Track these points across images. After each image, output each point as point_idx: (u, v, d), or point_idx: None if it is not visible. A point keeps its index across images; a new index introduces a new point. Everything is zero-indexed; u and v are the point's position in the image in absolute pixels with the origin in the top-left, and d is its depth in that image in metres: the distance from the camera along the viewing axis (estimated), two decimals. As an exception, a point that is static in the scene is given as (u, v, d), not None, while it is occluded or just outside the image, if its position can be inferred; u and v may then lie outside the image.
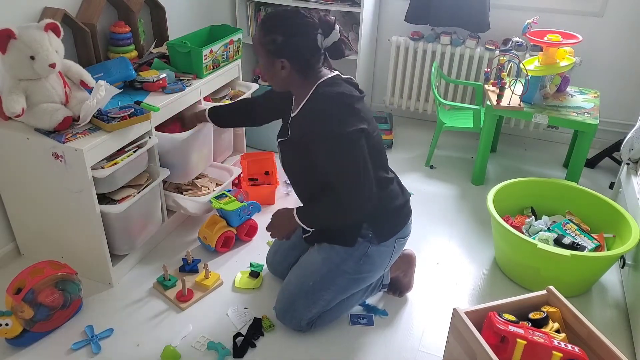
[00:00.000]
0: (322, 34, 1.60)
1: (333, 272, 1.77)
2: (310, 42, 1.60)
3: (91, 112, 1.85)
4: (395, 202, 1.77)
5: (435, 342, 1.85)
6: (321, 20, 1.61)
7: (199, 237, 2.29)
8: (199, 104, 2.37)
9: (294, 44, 1.59)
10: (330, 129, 1.56)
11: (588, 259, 1.96)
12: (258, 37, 1.63)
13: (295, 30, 1.58)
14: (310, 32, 1.59)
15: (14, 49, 1.72)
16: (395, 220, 1.79)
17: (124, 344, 1.81)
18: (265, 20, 1.63)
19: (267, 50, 1.61)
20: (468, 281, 2.18)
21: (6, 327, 1.71)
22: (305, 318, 1.81)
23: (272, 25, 1.60)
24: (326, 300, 1.80)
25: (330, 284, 1.78)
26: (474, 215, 2.61)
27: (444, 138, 3.26)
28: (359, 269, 1.77)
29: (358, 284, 1.83)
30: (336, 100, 1.60)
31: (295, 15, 1.60)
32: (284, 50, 1.59)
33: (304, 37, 1.59)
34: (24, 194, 1.98)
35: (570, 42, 2.56)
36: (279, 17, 1.62)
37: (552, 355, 1.42)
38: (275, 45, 1.59)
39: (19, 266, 1.94)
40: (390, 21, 3.40)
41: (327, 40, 1.62)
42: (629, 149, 2.34)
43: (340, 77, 1.70)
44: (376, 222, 1.74)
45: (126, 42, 2.34)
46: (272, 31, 1.59)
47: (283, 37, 1.57)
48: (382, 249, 1.77)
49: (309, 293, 1.79)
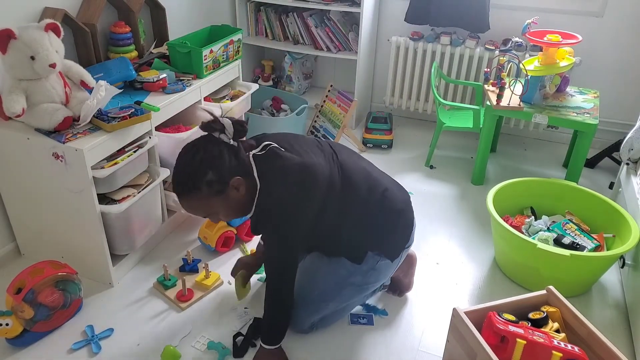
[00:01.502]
0: (220, 133, 1.52)
1: (340, 284, 1.76)
2: (224, 149, 1.51)
3: (91, 112, 1.85)
4: (395, 217, 1.75)
5: (435, 342, 1.85)
6: (208, 126, 1.52)
7: (199, 237, 2.29)
8: (198, 104, 2.37)
9: (221, 165, 1.50)
10: (282, 226, 1.56)
11: (588, 259, 1.96)
12: (196, 196, 1.51)
13: (209, 155, 1.50)
14: (215, 144, 1.51)
15: (14, 49, 1.72)
16: (400, 235, 1.79)
17: (124, 344, 1.81)
18: (183, 181, 1.51)
19: (215, 191, 1.51)
20: (468, 281, 2.18)
21: (6, 327, 1.71)
22: (308, 323, 1.81)
23: (192, 175, 1.50)
24: (330, 308, 1.80)
25: (335, 295, 1.77)
26: (474, 215, 2.61)
27: (443, 138, 3.26)
28: (366, 280, 1.77)
29: (363, 292, 1.83)
30: (284, 195, 1.53)
31: (195, 151, 1.51)
32: (223, 176, 1.50)
33: (219, 151, 1.50)
34: (24, 194, 1.98)
35: (570, 42, 2.56)
36: (186, 166, 1.51)
37: (551, 355, 1.42)
38: (214, 182, 1.50)
39: (19, 266, 1.94)
40: (390, 21, 3.40)
41: (228, 132, 1.52)
42: (629, 149, 2.34)
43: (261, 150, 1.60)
44: (382, 244, 1.74)
45: (126, 42, 2.34)
46: (199, 178, 1.49)
47: (211, 170, 1.49)
48: (389, 262, 1.77)
49: (314, 302, 1.77)
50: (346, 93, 3.15)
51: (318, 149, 1.67)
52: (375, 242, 1.73)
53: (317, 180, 1.56)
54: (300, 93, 3.61)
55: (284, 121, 3.11)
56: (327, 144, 1.74)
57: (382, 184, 1.75)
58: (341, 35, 3.30)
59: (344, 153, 1.74)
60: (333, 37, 3.30)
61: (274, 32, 3.47)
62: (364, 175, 1.72)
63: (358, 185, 1.68)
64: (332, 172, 1.62)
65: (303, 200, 1.55)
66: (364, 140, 3.23)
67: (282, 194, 1.53)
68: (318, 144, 1.70)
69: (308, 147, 1.65)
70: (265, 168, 1.56)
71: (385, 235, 1.74)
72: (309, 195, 1.55)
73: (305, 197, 1.55)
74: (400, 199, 1.79)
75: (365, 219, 1.70)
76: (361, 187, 1.68)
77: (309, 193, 1.55)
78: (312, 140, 1.73)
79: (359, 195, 1.67)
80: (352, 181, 1.66)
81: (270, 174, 1.55)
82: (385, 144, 3.22)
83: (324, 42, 3.32)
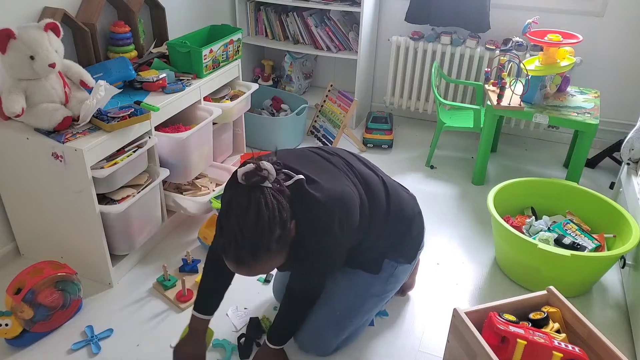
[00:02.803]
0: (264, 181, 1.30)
1: (361, 297, 1.71)
2: (275, 197, 1.31)
3: (91, 112, 1.84)
4: (410, 221, 1.73)
5: (436, 343, 1.85)
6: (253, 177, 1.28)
7: (198, 237, 2.29)
8: (198, 104, 2.37)
9: (281, 216, 1.30)
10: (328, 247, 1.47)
11: (588, 259, 1.95)
12: (267, 258, 1.31)
13: (270, 211, 1.28)
14: (267, 195, 1.29)
15: (14, 49, 1.72)
16: (417, 237, 1.77)
17: (123, 344, 1.81)
18: (253, 249, 1.27)
19: (283, 245, 1.33)
20: (468, 281, 2.18)
21: (6, 327, 1.71)
22: (334, 345, 1.75)
23: (262, 239, 1.27)
24: (355, 325, 1.75)
25: (358, 310, 1.72)
26: (475, 215, 2.61)
27: (444, 138, 3.26)
28: (385, 288, 1.75)
29: (384, 301, 1.81)
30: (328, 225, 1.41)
31: (254, 212, 1.26)
32: (286, 227, 1.32)
33: (274, 202, 1.29)
34: (23, 194, 1.98)
35: (570, 42, 2.56)
36: (252, 231, 1.26)
37: (552, 355, 1.42)
38: (281, 236, 1.31)
39: (19, 266, 1.93)
40: (390, 21, 3.40)
41: (270, 177, 1.31)
42: (630, 149, 2.34)
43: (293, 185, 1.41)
44: (401, 248, 1.72)
45: (126, 42, 2.34)
46: (270, 240, 1.28)
47: (277, 227, 1.29)
48: (407, 266, 1.76)
49: (337, 322, 1.70)
50: (346, 93, 3.15)
51: (336, 167, 1.56)
52: (393, 249, 1.71)
53: (354, 207, 1.47)
54: (300, 93, 3.61)
55: (284, 121, 3.10)
56: (337, 158, 1.61)
57: (395, 189, 1.70)
58: (341, 35, 3.29)
59: (352, 159, 1.65)
60: (333, 36, 3.29)
61: (274, 32, 3.46)
62: (379, 182, 1.65)
63: (378, 195, 1.61)
64: (360, 192, 1.54)
65: (344, 233, 1.45)
66: (364, 140, 3.22)
67: (324, 230, 1.41)
68: (330, 162, 1.58)
69: (326, 168, 1.54)
70: (297, 203, 1.38)
71: (402, 241, 1.72)
72: (350, 224, 1.46)
73: (346, 229, 1.45)
74: (411, 202, 1.77)
75: (385, 229, 1.65)
76: (381, 197, 1.62)
77: (349, 222, 1.45)
78: (321, 158, 1.60)
79: (380, 206, 1.61)
80: (374, 193, 1.59)
81: (305, 211, 1.39)
82: (385, 144, 3.21)
83: (324, 42, 3.31)
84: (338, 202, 1.43)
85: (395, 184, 1.76)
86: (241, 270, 1.32)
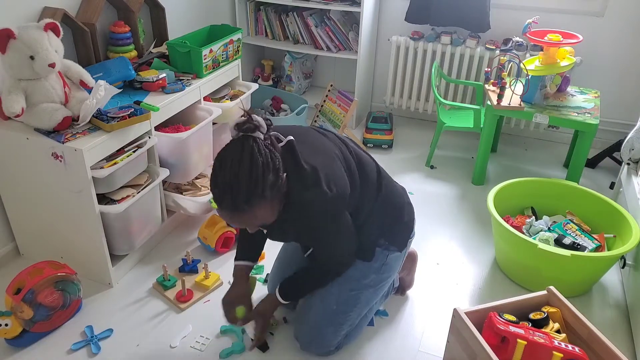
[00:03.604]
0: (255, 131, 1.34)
1: (355, 289, 1.72)
2: (268, 146, 1.35)
3: (91, 112, 1.84)
4: (400, 207, 1.75)
5: (436, 343, 1.85)
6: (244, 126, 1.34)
7: (198, 237, 2.29)
8: (198, 104, 2.37)
9: (273, 163, 1.34)
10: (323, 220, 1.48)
11: (588, 259, 1.95)
12: (261, 206, 1.34)
13: (263, 156, 1.32)
14: (258, 143, 1.33)
15: (14, 49, 1.72)
16: (407, 224, 1.77)
17: (123, 344, 1.81)
18: (248, 194, 1.31)
19: (276, 193, 1.36)
20: (468, 281, 2.17)
21: (6, 327, 1.71)
22: (334, 343, 1.74)
23: (256, 184, 1.31)
24: (353, 319, 1.75)
25: (354, 302, 1.73)
26: (475, 215, 2.61)
27: (444, 138, 3.26)
28: (379, 278, 1.75)
29: (379, 293, 1.81)
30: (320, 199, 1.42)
31: (246, 157, 1.31)
32: (278, 175, 1.36)
33: (266, 150, 1.34)
34: (23, 194, 1.98)
35: (570, 42, 2.56)
36: (245, 175, 1.30)
37: (552, 355, 1.42)
38: (274, 183, 1.34)
39: (19, 266, 1.94)
40: (390, 21, 3.40)
41: (262, 128, 1.36)
42: (630, 149, 2.34)
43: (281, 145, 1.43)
44: (392, 234, 1.73)
45: (126, 41, 2.34)
46: (264, 185, 1.32)
47: (270, 172, 1.32)
48: (398, 254, 1.76)
49: (334, 317, 1.71)
50: (346, 93, 3.15)
51: (329, 140, 1.59)
52: (383, 235, 1.71)
53: (337, 167, 1.50)
54: (300, 93, 3.61)
55: (284, 121, 3.10)
56: (332, 135, 1.65)
57: (387, 175, 1.74)
58: (341, 35, 3.29)
59: (346, 140, 1.67)
60: (333, 36, 3.29)
61: (274, 32, 3.46)
62: (371, 161, 1.69)
63: (369, 168, 1.64)
64: (348, 160, 1.56)
65: (333, 192, 1.44)
66: (364, 140, 3.22)
67: (315, 190, 1.42)
68: (325, 136, 1.62)
69: (317, 139, 1.58)
70: (290, 163, 1.42)
71: (392, 227, 1.72)
72: (337, 182, 1.47)
73: (334, 188, 1.45)
74: (402, 191, 1.79)
75: (376, 205, 1.66)
76: (372, 170, 1.64)
77: (335, 180, 1.46)
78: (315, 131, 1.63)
79: (370, 180, 1.63)
80: (364, 165, 1.61)
81: (295, 171, 1.42)
82: (385, 144, 3.21)
83: (324, 42, 3.31)
84: (321, 163, 1.46)
85: (387, 174, 1.78)
86: (235, 219, 1.37)
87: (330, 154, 1.53)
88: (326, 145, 1.56)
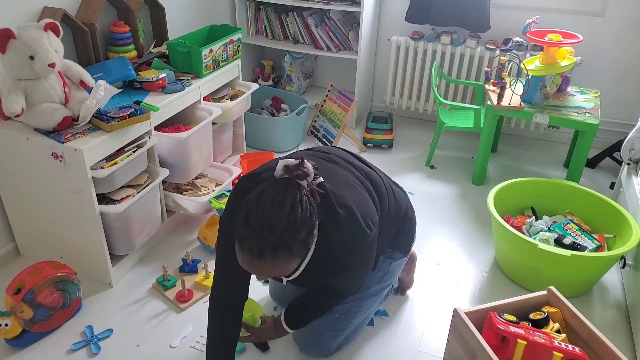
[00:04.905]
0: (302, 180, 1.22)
1: (359, 299, 1.71)
2: (310, 199, 1.24)
3: (91, 112, 1.84)
4: (405, 214, 1.72)
5: (436, 343, 1.85)
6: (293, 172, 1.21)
7: (198, 237, 2.29)
8: (198, 104, 2.37)
9: (312, 220, 1.24)
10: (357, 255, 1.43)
11: (589, 259, 1.95)
12: (282, 258, 1.20)
13: (304, 210, 1.21)
14: (303, 194, 1.22)
15: (14, 49, 1.72)
16: (410, 230, 1.77)
17: (123, 344, 1.81)
18: (273, 243, 1.18)
19: (304, 250, 1.25)
20: (468, 281, 2.17)
21: (5, 327, 1.71)
22: (334, 345, 1.75)
23: (285, 235, 1.19)
24: (354, 324, 1.75)
25: (357, 309, 1.73)
26: (475, 215, 2.61)
27: (444, 138, 3.25)
28: (382, 286, 1.75)
29: (380, 298, 1.81)
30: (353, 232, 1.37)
31: (287, 205, 1.19)
32: (313, 232, 1.26)
33: (308, 204, 1.22)
34: (23, 194, 1.98)
35: (570, 41, 2.55)
36: (277, 223, 1.18)
37: (552, 355, 1.42)
38: (305, 240, 1.23)
39: (19, 266, 1.93)
40: (390, 21, 3.40)
41: (309, 178, 1.24)
42: (630, 149, 2.34)
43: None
44: (396, 242, 1.72)
45: (126, 41, 2.34)
46: (293, 238, 1.20)
47: (305, 229, 1.22)
48: (401, 260, 1.76)
49: (336, 323, 1.71)
50: (346, 93, 3.15)
51: (340, 167, 1.52)
52: (388, 245, 1.70)
53: (368, 200, 1.46)
54: (300, 93, 3.60)
55: (284, 121, 3.10)
56: (335, 157, 1.56)
57: (390, 186, 1.69)
58: (341, 35, 3.29)
59: (349, 158, 1.61)
60: (333, 36, 3.29)
61: (274, 32, 3.46)
62: (380, 180, 1.63)
63: (383, 192, 1.58)
64: (368, 188, 1.52)
65: (373, 231, 1.41)
66: (364, 140, 3.22)
67: (351, 237, 1.38)
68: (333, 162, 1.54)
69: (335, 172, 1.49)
70: (324, 209, 1.33)
71: (397, 236, 1.71)
72: (372, 218, 1.43)
73: (373, 232, 1.42)
74: (404, 196, 1.77)
75: (385, 228, 1.61)
76: (384, 194, 1.59)
77: (371, 216, 1.42)
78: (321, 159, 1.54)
79: (384, 203, 1.58)
80: (380, 190, 1.57)
81: (336, 216, 1.35)
82: (385, 144, 3.21)
83: (324, 42, 3.31)
84: (352, 199, 1.38)
85: (389, 179, 1.75)
86: (253, 266, 1.22)
87: (351, 183, 1.45)
88: (341, 174, 1.48)
